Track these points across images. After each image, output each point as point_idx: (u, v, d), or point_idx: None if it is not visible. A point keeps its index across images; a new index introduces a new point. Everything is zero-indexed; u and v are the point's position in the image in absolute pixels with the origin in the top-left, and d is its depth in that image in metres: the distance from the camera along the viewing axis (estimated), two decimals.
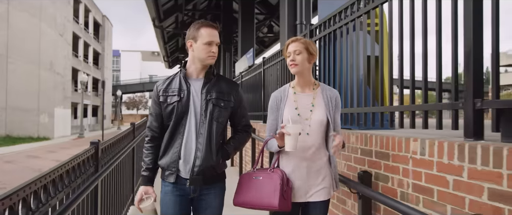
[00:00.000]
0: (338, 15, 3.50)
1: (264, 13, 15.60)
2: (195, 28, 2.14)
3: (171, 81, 2.20)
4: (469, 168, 1.71)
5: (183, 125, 2.12)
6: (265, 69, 6.53)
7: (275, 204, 2.05)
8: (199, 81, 2.18)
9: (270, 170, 2.18)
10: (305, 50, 2.22)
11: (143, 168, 2.20)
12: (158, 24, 14.90)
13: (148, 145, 2.23)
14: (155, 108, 2.20)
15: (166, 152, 2.16)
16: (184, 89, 2.15)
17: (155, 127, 2.21)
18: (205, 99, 2.14)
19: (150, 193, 2.16)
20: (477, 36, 1.91)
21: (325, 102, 2.24)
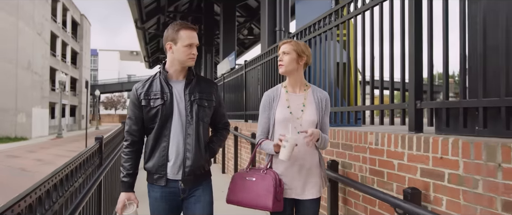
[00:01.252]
0: (312, 26, 4.00)
1: (244, 16, 16.05)
2: (174, 30, 2.11)
3: (151, 83, 2.17)
4: (408, 154, 2.22)
5: (167, 127, 2.11)
6: (247, 71, 6.99)
7: (269, 206, 2.11)
8: (180, 83, 2.18)
9: (263, 171, 2.22)
10: (294, 52, 2.28)
11: (123, 174, 2.14)
12: (140, 25, 15.15)
13: (127, 150, 2.17)
14: (134, 112, 2.15)
15: (152, 155, 2.14)
16: (167, 92, 2.13)
17: (135, 130, 2.16)
18: (189, 101, 2.14)
19: (132, 199, 2.14)
20: (418, 50, 2.42)
21: (316, 103, 2.30)
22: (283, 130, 2.25)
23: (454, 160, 1.87)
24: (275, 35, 7.05)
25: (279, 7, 7.19)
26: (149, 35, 19.51)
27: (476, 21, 2.03)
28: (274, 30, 7.05)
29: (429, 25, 2.31)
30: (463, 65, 2.09)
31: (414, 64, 2.41)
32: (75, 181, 2.36)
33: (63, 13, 35.11)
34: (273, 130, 2.31)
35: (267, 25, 7.12)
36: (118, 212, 2.12)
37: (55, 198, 1.87)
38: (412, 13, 2.43)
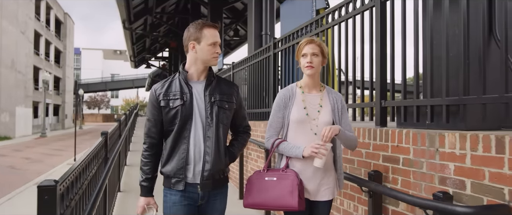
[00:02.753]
0: (295, 33, 4.45)
1: (230, 18, 16.45)
2: (196, 29, 2.06)
3: (171, 84, 2.11)
4: (373, 144, 2.69)
5: (187, 129, 2.04)
6: (234, 72, 7.41)
7: (295, 205, 2.05)
8: (200, 84, 2.12)
9: (282, 171, 2.16)
10: (321, 54, 2.23)
11: (142, 178, 2.10)
12: (128, 26, 15.40)
13: (146, 153, 2.12)
14: (154, 113, 2.09)
15: (171, 159, 2.07)
16: (187, 92, 2.06)
17: (154, 132, 2.10)
18: (209, 102, 2.07)
19: (152, 204, 2.10)
20: (383, 57, 2.89)
21: (331, 105, 2.26)
22: (298, 131, 2.21)
23: (406, 147, 2.35)
24: (261, 39, 7.50)
25: (265, 11, 7.65)
26: (136, 36, 19.72)
27: (426, 35, 2.51)
28: (260, 34, 7.50)
29: (392, 37, 2.79)
30: (416, 72, 2.57)
31: (379, 69, 2.89)
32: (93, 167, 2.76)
33: (46, 11, 34.82)
34: (287, 130, 2.25)
35: (254, 30, 7.57)
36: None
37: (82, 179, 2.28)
38: (377, 26, 2.90)
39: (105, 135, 3.66)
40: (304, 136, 2.19)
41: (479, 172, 1.83)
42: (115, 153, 4.07)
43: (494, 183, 1.75)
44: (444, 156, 2.05)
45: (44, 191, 1.38)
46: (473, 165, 1.87)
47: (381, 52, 2.90)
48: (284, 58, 4.88)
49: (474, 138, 1.86)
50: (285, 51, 4.82)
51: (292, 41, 4.55)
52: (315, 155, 2.06)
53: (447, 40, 2.29)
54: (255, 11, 7.57)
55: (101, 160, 3.33)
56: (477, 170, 1.84)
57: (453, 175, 1.98)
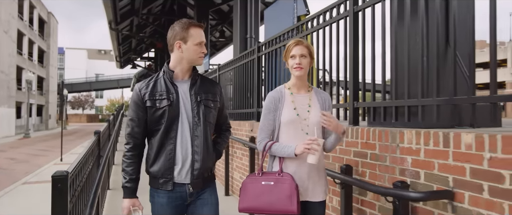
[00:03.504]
0: (278, 38, 4.73)
1: (216, 19, 16.67)
2: (183, 28, 2.04)
3: (155, 83, 2.09)
4: (346, 141, 2.99)
5: (174, 129, 2.03)
6: (220, 74, 7.67)
7: (294, 210, 2.05)
8: (185, 83, 2.12)
9: (278, 175, 2.16)
10: (309, 55, 2.25)
11: (126, 179, 2.06)
12: (115, 27, 15.48)
13: (129, 154, 2.08)
14: (138, 113, 2.06)
15: (157, 159, 2.05)
16: (173, 92, 2.05)
17: (138, 133, 2.07)
18: (196, 101, 2.08)
19: (137, 205, 2.08)
20: (355, 62, 3.19)
21: (320, 104, 2.29)
22: (290, 132, 2.22)
23: (373, 143, 2.64)
24: (246, 42, 7.77)
25: (249, 15, 7.92)
26: (122, 36, 19.77)
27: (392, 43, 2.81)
28: (245, 37, 7.77)
29: (363, 44, 3.09)
30: (383, 76, 2.87)
31: (352, 73, 3.19)
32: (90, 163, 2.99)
33: (30, 10, 34.41)
34: (278, 131, 2.25)
35: (239, 33, 7.83)
36: None
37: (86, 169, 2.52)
38: (351, 34, 3.19)
39: (98, 134, 3.88)
40: (295, 136, 2.19)
41: (430, 164, 2.13)
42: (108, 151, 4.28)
43: (442, 172, 2.05)
44: (403, 151, 2.35)
45: (57, 180, 1.62)
46: (425, 158, 2.17)
47: (354, 57, 3.20)
48: (267, 61, 5.16)
49: (426, 134, 2.17)
50: (268, 55, 5.10)
51: (275, 46, 4.83)
52: (308, 151, 2.06)
53: (408, 49, 2.60)
54: (241, 15, 7.84)
55: (95, 157, 3.54)
56: (429, 162, 2.14)
57: (410, 167, 2.29)
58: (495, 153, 1.76)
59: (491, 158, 1.78)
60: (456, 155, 1.97)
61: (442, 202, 2.04)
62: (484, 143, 1.81)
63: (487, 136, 1.80)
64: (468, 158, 1.90)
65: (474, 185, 1.86)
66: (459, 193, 1.95)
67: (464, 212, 1.91)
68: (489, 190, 1.78)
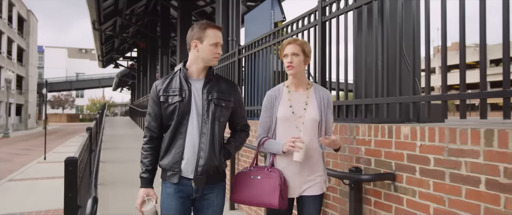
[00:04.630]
0: (257, 42, 5.14)
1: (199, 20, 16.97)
2: (200, 29, 2.13)
3: (171, 81, 2.19)
4: None
5: (184, 124, 2.12)
6: None
7: (275, 204, 2.14)
8: (200, 82, 2.19)
9: (267, 170, 2.23)
10: (302, 53, 2.29)
11: (142, 170, 2.16)
12: (98, 27, 15.62)
13: (147, 146, 2.19)
14: (154, 108, 2.18)
15: (168, 152, 2.14)
16: (186, 89, 2.14)
17: (154, 127, 2.19)
18: (206, 99, 2.15)
19: (151, 195, 2.15)
20: (323, 64, 3.61)
21: (317, 102, 2.32)
22: (286, 129, 2.30)
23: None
24: (228, 44, 8.15)
25: (231, 19, 8.31)
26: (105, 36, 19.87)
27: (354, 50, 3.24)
28: (227, 39, 8.16)
29: (329, 50, 3.52)
30: (346, 78, 3.30)
31: (320, 75, 3.61)
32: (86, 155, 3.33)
33: (8, 8, 33.96)
34: (275, 128, 2.34)
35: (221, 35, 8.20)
36: (137, 207, 2.14)
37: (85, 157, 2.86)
38: (319, 40, 3.62)
39: (90, 130, 4.20)
40: (290, 133, 2.25)
41: (379, 152, 2.57)
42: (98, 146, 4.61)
43: (387, 159, 2.49)
44: (358, 142, 2.78)
45: (69, 163, 1.97)
46: (375, 147, 2.60)
47: (322, 61, 3.62)
48: (247, 63, 5.56)
49: (376, 127, 2.60)
50: (248, 57, 5.50)
51: (254, 49, 5.23)
52: (293, 149, 2.13)
53: (365, 55, 3.04)
54: (223, 18, 8.22)
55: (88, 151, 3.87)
56: (378, 150, 2.58)
57: (364, 155, 2.72)
58: (424, 141, 2.20)
59: (421, 145, 2.22)
60: (397, 144, 2.41)
61: (387, 183, 2.48)
62: (417, 133, 2.25)
63: (419, 128, 2.24)
64: (405, 146, 2.34)
65: (409, 168, 2.30)
66: (399, 175, 2.39)
67: (403, 190, 2.35)
68: (420, 171, 2.22)
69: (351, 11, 3.15)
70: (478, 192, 1.88)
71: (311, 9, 3.77)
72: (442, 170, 2.08)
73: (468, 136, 1.93)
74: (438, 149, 2.11)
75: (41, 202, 6.49)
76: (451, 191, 2.02)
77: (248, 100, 5.51)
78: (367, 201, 2.66)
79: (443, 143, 2.07)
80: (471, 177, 1.91)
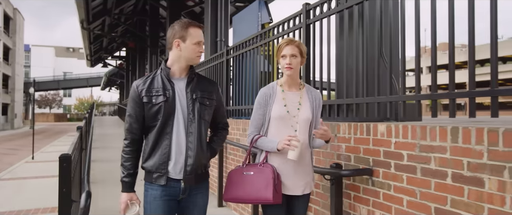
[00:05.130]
0: (245, 43, 5.27)
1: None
2: (182, 27, 2.10)
3: (152, 80, 2.14)
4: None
5: (170, 125, 2.08)
6: None
7: (270, 198, 2.13)
8: (182, 81, 2.16)
9: (260, 165, 2.24)
10: (299, 54, 2.31)
11: (124, 174, 2.10)
12: (86, 26, 15.57)
13: (128, 149, 2.12)
14: (136, 109, 2.11)
15: (153, 154, 2.10)
16: (169, 89, 2.10)
17: (136, 128, 2.12)
18: (191, 99, 2.13)
19: (134, 199, 2.10)
20: (307, 65, 3.76)
21: (310, 102, 2.36)
22: (279, 128, 2.30)
23: None
24: (216, 45, 8.27)
25: (219, 20, 8.42)
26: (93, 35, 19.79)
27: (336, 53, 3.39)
28: (216, 40, 8.27)
29: (313, 52, 3.67)
30: (328, 79, 3.44)
31: (305, 76, 3.76)
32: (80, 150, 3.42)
33: None
34: (268, 126, 2.34)
35: (210, 36, 8.32)
36: (121, 212, 2.09)
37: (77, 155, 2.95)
38: (303, 42, 3.76)
39: (80, 129, 4.28)
40: (284, 132, 2.26)
41: (358, 149, 2.72)
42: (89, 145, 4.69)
43: (365, 155, 2.64)
44: (339, 139, 2.93)
45: (63, 160, 2.08)
46: (354, 144, 2.76)
47: (306, 62, 3.76)
48: (235, 63, 5.69)
49: (355, 126, 2.76)
50: (236, 58, 5.63)
51: (241, 50, 5.36)
52: (288, 147, 2.14)
53: (347, 57, 3.19)
54: (211, 19, 8.33)
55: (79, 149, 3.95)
56: (357, 147, 2.73)
57: (344, 152, 2.87)
58: (398, 138, 2.36)
59: (396, 142, 2.37)
60: (374, 141, 2.56)
61: (365, 178, 2.63)
62: (392, 131, 2.41)
63: (393, 126, 2.39)
64: (382, 143, 2.50)
65: (385, 163, 2.46)
66: (376, 170, 2.54)
67: (379, 184, 2.51)
68: (395, 166, 2.38)
69: (333, 14, 3.30)
70: (445, 185, 2.04)
71: (296, 12, 3.91)
72: (414, 165, 2.23)
73: (437, 133, 2.09)
74: (410, 145, 2.26)
75: (30, 201, 6.53)
76: (422, 184, 2.18)
77: (236, 100, 5.64)
78: (347, 195, 2.81)
79: (415, 139, 2.23)
80: (439, 171, 2.07)
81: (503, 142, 1.75)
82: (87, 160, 3.67)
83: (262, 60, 4.91)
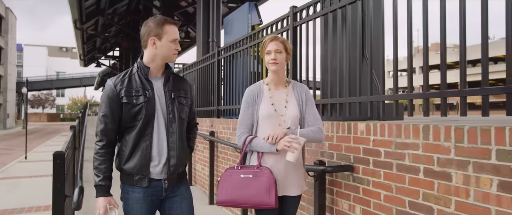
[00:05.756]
0: (235, 44, 5.38)
1: (181, 20, 17.11)
2: (158, 25, 2.04)
3: (130, 79, 2.07)
4: None
5: (150, 125, 2.04)
6: (185, 74, 8.23)
7: (272, 203, 2.09)
8: (159, 80, 2.13)
9: (257, 168, 2.18)
10: (284, 50, 2.30)
11: (100, 177, 2.00)
12: (80, 26, 15.60)
13: (102, 151, 2.03)
14: (113, 109, 2.03)
15: (133, 156, 2.04)
16: (149, 89, 2.06)
17: (112, 130, 2.04)
18: (170, 98, 2.10)
19: (113, 204, 2.03)
20: (295, 66, 3.88)
21: (296, 98, 2.33)
22: (268, 127, 2.26)
23: None
24: (208, 45, 8.38)
25: (211, 21, 8.54)
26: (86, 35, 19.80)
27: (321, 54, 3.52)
28: (208, 41, 8.38)
29: (300, 53, 3.79)
30: (314, 81, 3.57)
31: (292, 76, 3.88)
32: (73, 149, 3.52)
33: None
34: (257, 126, 2.31)
35: (202, 37, 8.43)
36: None
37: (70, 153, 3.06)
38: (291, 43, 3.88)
39: (73, 128, 4.37)
40: (273, 131, 2.21)
41: (340, 147, 2.85)
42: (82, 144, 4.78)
43: (346, 152, 2.77)
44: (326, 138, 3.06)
45: (57, 157, 2.18)
46: (337, 142, 2.89)
47: (293, 62, 3.89)
48: (226, 64, 5.80)
49: (337, 124, 2.89)
50: (227, 58, 5.74)
51: (232, 51, 5.48)
52: (288, 149, 2.10)
53: (331, 58, 3.32)
54: (203, 20, 8.45)
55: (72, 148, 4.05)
56: (339, 145, 2.86)
57: (327, 150, 3.00)
58: (376, 136, 2.49)
59: (374, 140, 2.51)
60: (355, 139, 2.69)
61: (346, 174, 2.76)
62: (371, 129, 2.54)
63: (372, 124, 2.52)
64: (361, 140, 2.63)
65: (365, 160, 2.59)
66: (356, 167, 2.67)
67: (359, 180, 2.64)
68: (373, 163, 2.51)
69: (318, 18, 3.43)
70: (417, 180, 2.17)
71: (284, 14, 4.04)
72: (391, 161, 2.37)
73: (410, 131, 2.22)
74: (387, 142, 2.40)
75: (24, 200, 6.59)
76: (397, 179, 2.32)
77: (227, 100, 5.75)
78: (330, 191, 2.94)
79: (391, 137, 2.36)
80: (413, 167, 2.21)
81: (467, 139, 1.88)
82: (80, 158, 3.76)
83: (252, 61, 5.03)
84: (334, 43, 3.30)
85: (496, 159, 1.75)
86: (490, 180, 1.78)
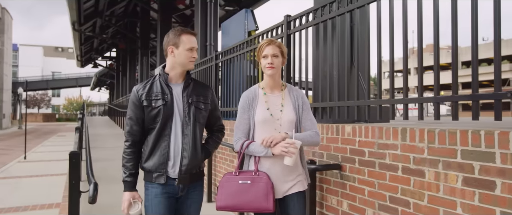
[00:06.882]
0: (232, 49, 5.63)
1: (179, 22, 17.33)
2: (175, 35, 2.24)
3: (152, 85, 2.26)
4: None
5: (168, 127, 2.21)
6: None
7: (270, 208, 2.15)
8: (179, 86, 2.29)
9: (255, 174, 2.21)
10: (281, 54, 2.32)
11: (126, 174, 2.22)
12: (78, 27, 15.78)
13: (129, 150, 2.24)
14: (136, 112, 2.24)
15: (152, 155, 2.22)
16: (167, 93, 2.23)
17: (136, 131, 2.24)
18: (187, 103, 2.25)
19: (136, 198, 2.21)
20: (288, 72, 4.13)
21: (292, 102, 2.35)
22: (264, 131, 2.27)
23: None
24: (206, 49, 8.62)
25: (209, 25, 8.78)
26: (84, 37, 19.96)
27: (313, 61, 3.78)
28: (206, 44, 8.62)
29: (293, 59, 4.04)
30: (306, 85, 3.83)
31: (286, 81, 4.13)
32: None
33: None
34: (254, 131, 2.32)
35: (200, 40, 8.66)
36: (124, 211, 2.19)
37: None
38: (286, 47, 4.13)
39: (79, 129, 4.60)
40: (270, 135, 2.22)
41: (329, 147, 3.10)
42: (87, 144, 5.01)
43: (335, 152, 3.03)
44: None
45: (73, 156, 2.42)
46: (326, 143, 3.14)
47: (287, 68, 4.15)
48: (223, 67, 6.06)
49: (327, 126, 3.14)
50: (224, 62, 5.99)
51: (229, 55, 5.73)
52: (285, 154, 2.13)
53: (323, 65, 3.58)
54: (201, 24, 8.68)
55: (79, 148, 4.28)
56: (328, 146, 3.12)
57: (318, 150, 3.25)
58: (361, 137, 2.75)
59: (359, 140, 2.76)
60: (342, 140, 2.95)
61: (335, 172, 3.02)
62: (356, 131, 2.80)
63: (357, 127, 2.78)
64: (348, 141, 2.88)
65: (351, 159, 2.85)
66: (343, 165, 2.93)
67: (346, 177, 2.89)
68: (358, 162, 2.77)
69: (310, 27, 3.68)
70: (396, 177, 2.43)
71: (279, 22, 4.29)
72: (373, 160, 2.63)
73: (390, 133, 2.48)
74: (371, 143, 2.66)
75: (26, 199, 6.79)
76: (379, 176, 2.58)
77: (224, 102, 6.00)
78: (320, 188, 3.19)
79: (374, 138, 2.62)
80: (392, 165, 2.47)
81: (438, 140, 2.14)
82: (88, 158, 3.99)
83: (249, 65, 5.28)
84: (325, 50, 3.56)
85: (461, 157, 2.01)
86: (456, 176, 2.04)
